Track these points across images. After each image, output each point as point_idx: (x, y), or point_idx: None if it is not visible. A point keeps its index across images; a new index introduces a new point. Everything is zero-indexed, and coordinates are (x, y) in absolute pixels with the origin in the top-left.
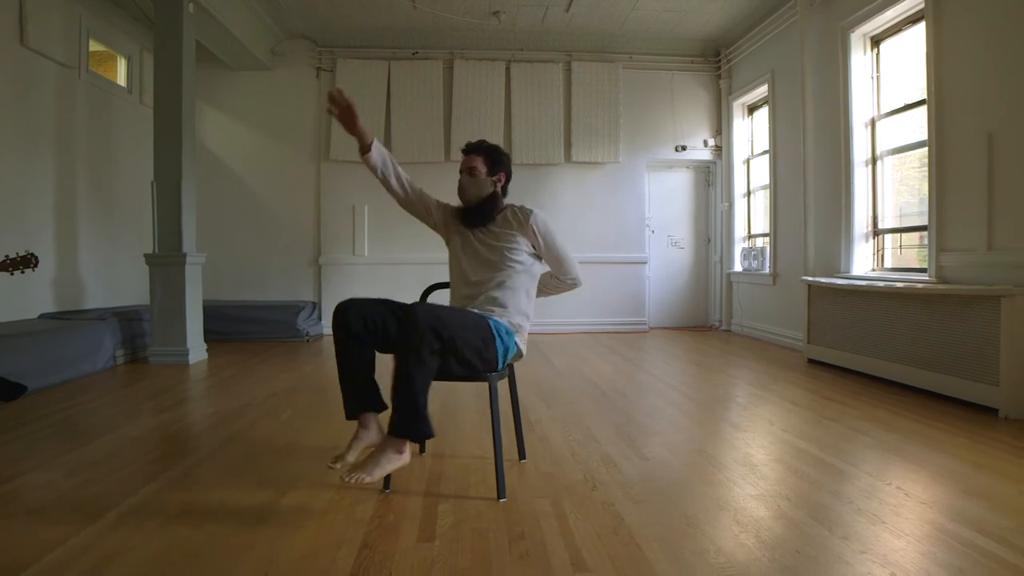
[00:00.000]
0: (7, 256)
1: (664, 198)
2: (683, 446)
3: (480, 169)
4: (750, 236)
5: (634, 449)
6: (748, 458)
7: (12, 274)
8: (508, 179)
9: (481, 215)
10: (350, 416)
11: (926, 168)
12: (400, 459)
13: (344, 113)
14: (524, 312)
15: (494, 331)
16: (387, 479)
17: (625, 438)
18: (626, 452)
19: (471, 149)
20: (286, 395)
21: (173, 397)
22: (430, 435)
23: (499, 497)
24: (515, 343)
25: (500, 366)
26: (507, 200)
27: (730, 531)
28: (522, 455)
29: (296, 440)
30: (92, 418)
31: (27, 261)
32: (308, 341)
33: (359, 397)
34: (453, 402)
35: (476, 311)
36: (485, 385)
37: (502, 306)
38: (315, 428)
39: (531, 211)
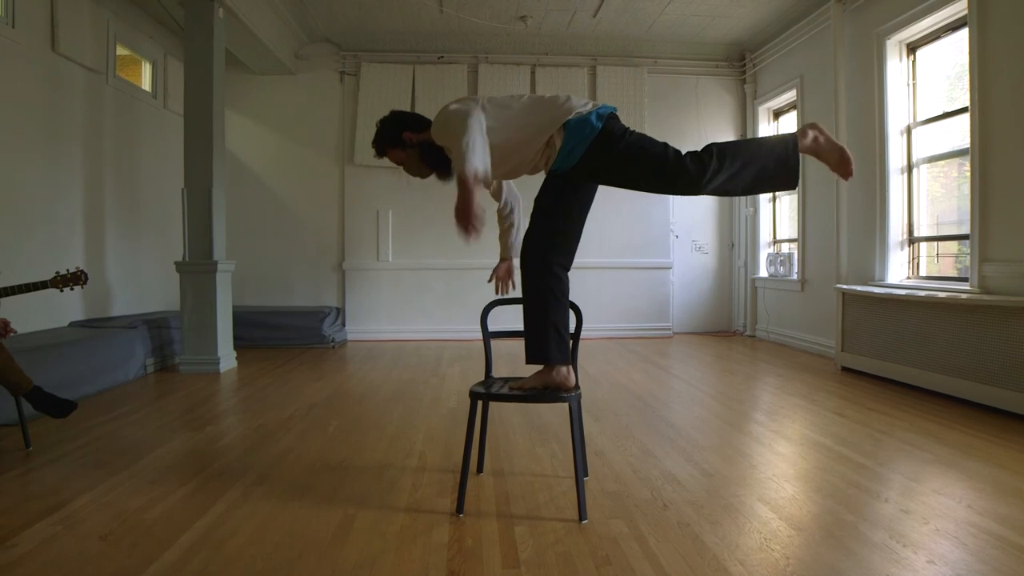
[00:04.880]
0: (57, 272)
1: (688, 203)
2: (740, 461)
3: (397, 156)
4: (775, 241)
5: (693, 464)
6: (808, 474)
7: (62, 291)
8: (413, 122)
9: (442, 165)
10: None
11: (964, 176)
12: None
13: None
14: (547, 121)
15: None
16: (460, 503)
17: (681, 452)
18: (687, 468)
19: (377, 153)
20: (327, 406)
21: (213, 409)
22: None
23: (580, 519)
24: (576, 128)
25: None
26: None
27: (812, 550)
28: (585, 472)
29: (351, 456)
30: (136, 432)
31: (77, 278)
32: (334, 347)
33: None
34: (498, 416)
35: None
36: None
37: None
38: (365, 441)
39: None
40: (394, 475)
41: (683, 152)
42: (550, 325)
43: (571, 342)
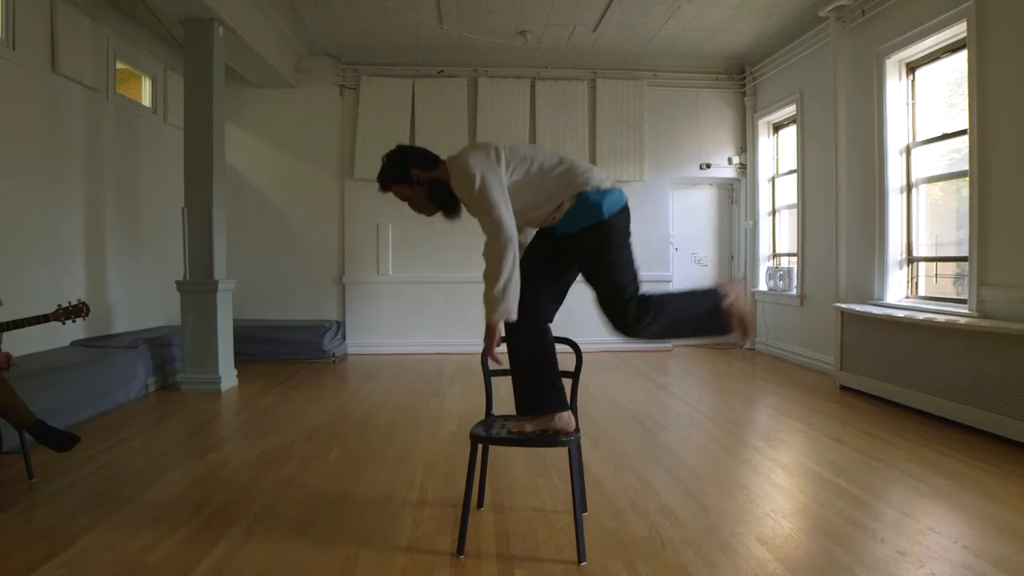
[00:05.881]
0: (59, 305)
1: (687, 215)
2: (738, 493)
3: (404, 193)
4: (775, 255)
5: (690, 497)
6: (805, 509)
7: (64, 323)
8: (421, 158)
9: (449, 205)
10: None
11: (964, 198)
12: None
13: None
14: (562, 187)
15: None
16: (461, 542)
17: (679, 484)
18: (684, 502)
19: (382, 188)
20: (328, 430)
21: (215, 433)
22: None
23: (579, 560)
24: (590, 202)
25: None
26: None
27: None
28: (584, 507)
29: (352, 488)
30: (137, 461)
31: (79, 310)
32: (334, 362)
33: None
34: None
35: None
36: None
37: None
38: (366, 471)
39: (454, 161)
40: (395, 510)
41: (639, 293)
42: (547, 381)
43: (573, 382)
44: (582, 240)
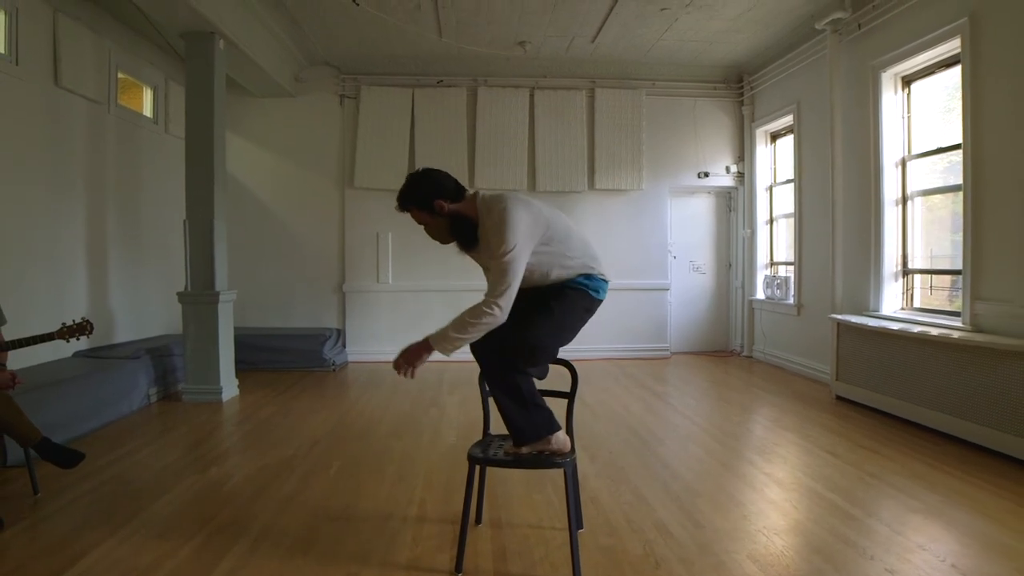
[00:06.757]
0: (63, 324)
1: (686, 224)
2: (732, 510)
3: (422, 218)
4: (772, 263)
5: (685, 513)
6: (798, 525)
7: (68, 341)
8: (446, 190)
9: (468, 242)
10: None
11: (958, 210)
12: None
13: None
14: (568, 269)
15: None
16: (459, 561)
17: (675, 499)
18: (679, 517)
19: (400, 207)
20: (329, 442)
21: (217, 446)
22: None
23: None
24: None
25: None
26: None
27: None
28: (580, 524)
29: (352, 504)
30: (141, 474)
31: (82, 328)
32: (334, 370)
33: None
34: None
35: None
36: None
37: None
38: (367, 486)
39: (492, 208)
40: (395, 527)
41: (528, 366)
42: (532, 404)
43: (568, 402)
44: (553, 286)
